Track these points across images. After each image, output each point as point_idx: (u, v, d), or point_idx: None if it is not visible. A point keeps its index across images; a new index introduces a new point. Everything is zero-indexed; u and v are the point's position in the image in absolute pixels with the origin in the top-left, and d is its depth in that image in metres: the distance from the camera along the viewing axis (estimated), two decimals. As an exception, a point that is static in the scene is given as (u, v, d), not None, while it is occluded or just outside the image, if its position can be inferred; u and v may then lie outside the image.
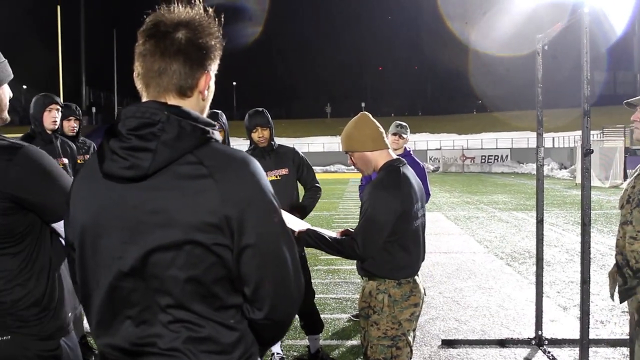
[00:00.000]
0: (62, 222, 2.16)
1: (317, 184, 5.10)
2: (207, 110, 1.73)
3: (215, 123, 1.67)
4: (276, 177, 4.84)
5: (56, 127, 5.22)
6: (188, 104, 1.63)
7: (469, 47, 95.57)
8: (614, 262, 3.43)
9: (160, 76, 1.60)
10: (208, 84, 1.68)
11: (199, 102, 1.67)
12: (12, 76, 2.29)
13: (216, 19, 1.68)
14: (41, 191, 2.14)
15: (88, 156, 5.41)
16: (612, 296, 3.44)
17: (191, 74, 1.61)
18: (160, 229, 1.52)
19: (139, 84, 1.65)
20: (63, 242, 2.30)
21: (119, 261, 1.56)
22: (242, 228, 1.53)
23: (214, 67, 1.69)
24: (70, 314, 2.31)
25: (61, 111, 5.30)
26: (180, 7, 1.64)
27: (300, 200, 5.05)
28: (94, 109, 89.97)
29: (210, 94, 1.72)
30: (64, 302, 2.27)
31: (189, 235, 1.50)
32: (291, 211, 4.62)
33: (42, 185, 2.15)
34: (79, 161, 5.30)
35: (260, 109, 4.87)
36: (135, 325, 1.57)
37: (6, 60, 2.27)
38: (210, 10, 1.67)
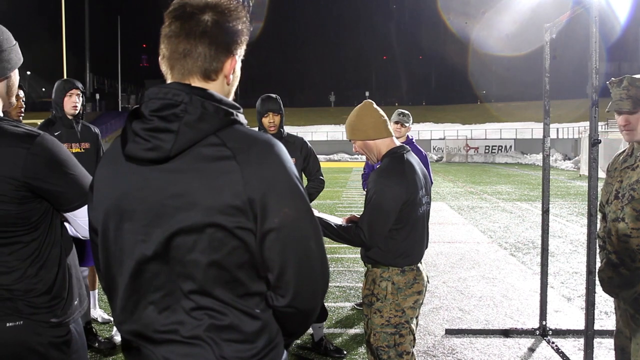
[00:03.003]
0: (75, 212, 2.20)
1: (322, 177, 5.09)
2: (232, 95, 1.70)
3: (240, 107, 1.64)
4: None
5: (77, 111, 5.23)
6: (212, 88, 1.59)
7: (473, 37, 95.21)
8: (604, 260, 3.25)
9: (185, 58, 1.57)
10: (233, 69, 1.64)
11: (224, 87, 1.64)
12: (22, 60, 2.30)
13: (244, 4, 1.65)
14: (56, 180, 2.15)
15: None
16: (614, 295, 3.26)
17: (216, 57, 1.58)
18: (182, 212, 1.49)
19: (163, 67, 1.62)
20: (72, 231, 2.32)
21: (143, 244, 1.54)
22: (266, 211, 1.49)
23: (240, 52, 1.66)
24: (77, 301, 2.32)
25: (82, 96, 5.32)
26: None
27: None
28: (97, 96, 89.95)
29: (235, 79, 1.69)
30: (73, 289, 2.29)
31: (210, 218, 1.47)
32: None
33: (57, 175, 2.15)
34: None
35: (274, 95, 4.85)
36: (158, 312, 1.55)
37: (17, 44, 2.26)
38: None
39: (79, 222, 2.24)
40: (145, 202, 1.53)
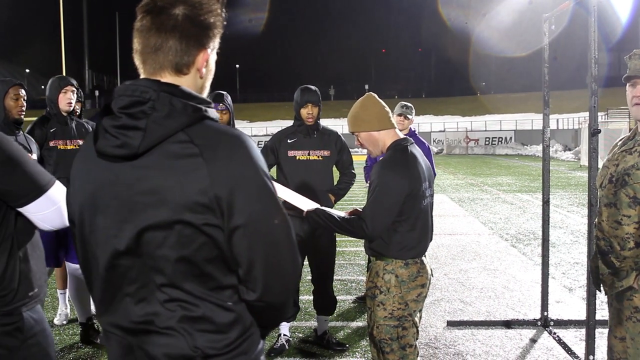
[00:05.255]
0: (27, 207, 2.23)
1: (353, 170, 5.09)
2: (207, 89, 1.71)
3: (211, 102, 1.64)
4: (318, 157, 4.85)
5: (71, 108, 5.23)
6: (184, 82, 1.60)
7: (472, 29, 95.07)
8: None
9: (156, 52, 1.58)
10: (206, 62, 1.64)
11: (197, 80, 1.64)
12: None
13: None
14: (5, 178, 2.18)
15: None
16: (597, 287, 3.24)
17: (187, 51, 1.58)
18: (151, 208, 1.51)
19: (136, 61, 1.63)
20: (39, 221, 2.33)
21: (115, 239, 1.56)
22: (232, 208, 1.51)
23: (213, 45, 1.65)
24: (34, 291, 2.35)
25: (77, 93, 5.32)
26: None
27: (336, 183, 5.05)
28: (97, 92, 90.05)
29: (209, 73, 1.69)
30: (26, 280, 2.32)
31: (178, 215, 1.49)
32: (326, 194, 4.64)
33: (6, 172, 2.18)
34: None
35: (313, 87, 4.91)
36: (134, 303, 1.58)
37: None
38: None
39: (33, 217, 2.28)
40: (117, 197, 1.55)
